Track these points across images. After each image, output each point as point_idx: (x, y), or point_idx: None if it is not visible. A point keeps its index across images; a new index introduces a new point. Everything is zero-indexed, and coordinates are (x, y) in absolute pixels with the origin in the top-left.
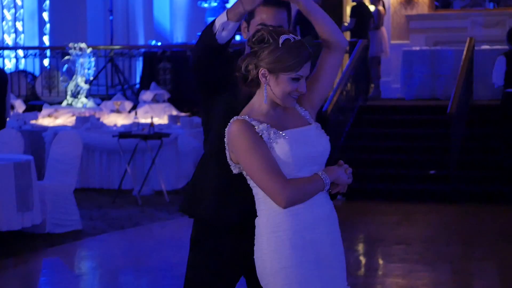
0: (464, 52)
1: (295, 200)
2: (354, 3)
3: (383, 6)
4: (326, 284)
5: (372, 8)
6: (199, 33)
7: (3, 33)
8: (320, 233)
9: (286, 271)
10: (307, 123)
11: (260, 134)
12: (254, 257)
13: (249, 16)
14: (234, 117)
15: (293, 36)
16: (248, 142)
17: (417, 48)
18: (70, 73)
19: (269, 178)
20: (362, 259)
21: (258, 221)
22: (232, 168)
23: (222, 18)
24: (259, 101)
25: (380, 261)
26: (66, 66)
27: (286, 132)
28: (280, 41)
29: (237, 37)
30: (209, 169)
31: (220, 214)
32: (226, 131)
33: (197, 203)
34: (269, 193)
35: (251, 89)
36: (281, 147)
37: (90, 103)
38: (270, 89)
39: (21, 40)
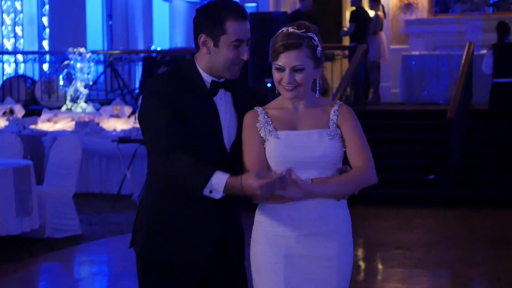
0: (464, 57)
1: (264, 196)
2: (354, 8)
3: (383, 11)
4: (292, 281)
5: (371, 13)
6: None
7: (2, 38)
8: (292, 232)
9: (256, 257)
10: (320, 126)
11: (259, 128)
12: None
13: (216, 31)
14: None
15: (293, 27)
16: (245, 132)
17: (417, 53)
18: (70, 78)
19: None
20: (362, 264)
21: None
22: None
23: (218, 191)
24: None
25: (380, 266)
26: (65, 71)
27: (283, 132)
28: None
29: None
30: (168, 213)
31: (189, 257)
32: None
33: (161, 245)
34: None
35: None
36: (269, 145)
37: (89, 108)
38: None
39: (21, 45)
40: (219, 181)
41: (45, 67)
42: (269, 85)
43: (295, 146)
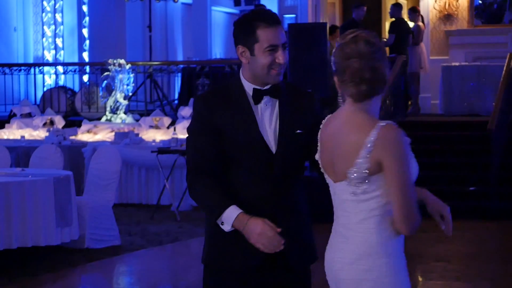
0: (504, 68)
1: (416, 229)
2: (393, 19)
3: (422, 21)
4: None
5: (411, 24)
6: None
7: (43, 50)
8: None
9: None
10: None
11: None
12: (367, 278)
13: (249, 40)
14: (384, 122)
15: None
16: (405, 154)
17: (457, 64)
18: (109, 89)
19: (409, 200)
20: None
21: (367, 240)
22: (355, 177)
23: (228, 224)
24: (374, 110)
25: (420, 278)
26: (105, 82)
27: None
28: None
29: None
30: None
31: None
32: (380, 135)
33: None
34: (402, 214)
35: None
36: (414, 166)
37: (129, 119)
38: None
39: (61, 56)
40: (230, 216)
41: (85, 78)
42: None
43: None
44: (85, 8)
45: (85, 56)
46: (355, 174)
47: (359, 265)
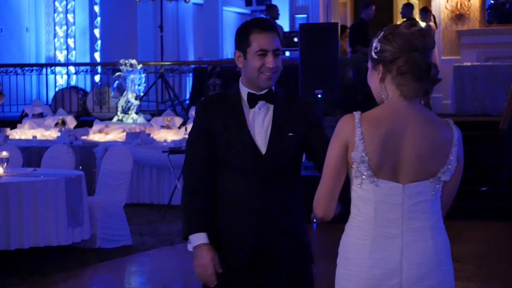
0: None
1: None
2: (405, 19)
3: (434, 21)
4: None
5: (422, 24)
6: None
7: (55, 50)
8: None
9: None
10: None
11: None
12: (450, 278)
13: (243, 45)
14: (451, 120)
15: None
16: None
17: (468, 64)
18: (121, 89)
19: None
20: None
21: (445, 239)
22: (446, 176)
23: (190, 246)
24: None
25: None
26: (116, 82)
27: None
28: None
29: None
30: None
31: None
32: (457, 134)
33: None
34: (448, 209)
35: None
36: None
37: (140, 119)
38: None
39: (73, 56)
40: (194, 241)
41: (97, 78)
42: (319, 96)
43: None
44: (96, 8)
45: (97, 56)
46: (446, 173)
47: (447, 266)
